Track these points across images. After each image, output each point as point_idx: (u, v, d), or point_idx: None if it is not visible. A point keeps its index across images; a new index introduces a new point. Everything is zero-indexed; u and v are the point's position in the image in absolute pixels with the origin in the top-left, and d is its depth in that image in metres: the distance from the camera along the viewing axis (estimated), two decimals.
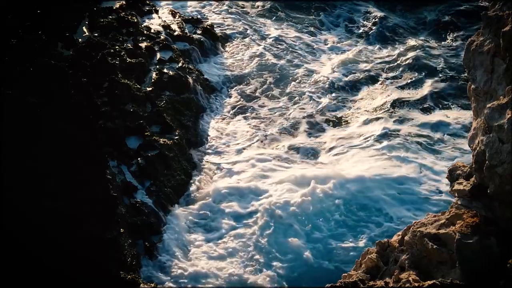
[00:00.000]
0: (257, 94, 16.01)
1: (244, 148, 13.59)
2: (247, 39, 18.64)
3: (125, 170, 11.46)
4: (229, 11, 20.04)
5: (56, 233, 8.91)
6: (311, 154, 13.54)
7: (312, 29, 19.45)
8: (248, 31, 19.00)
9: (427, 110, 15.15)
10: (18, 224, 8.76)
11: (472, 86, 4.73)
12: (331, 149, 13.69)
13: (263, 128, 14.46)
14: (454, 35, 18.42)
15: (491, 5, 4.76)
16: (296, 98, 15.81)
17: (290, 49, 18.22)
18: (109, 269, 9.12)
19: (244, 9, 20.37)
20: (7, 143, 9.93)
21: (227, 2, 20.41)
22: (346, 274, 5.43)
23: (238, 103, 15.51)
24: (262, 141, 13.88)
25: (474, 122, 4.74)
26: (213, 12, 19.69)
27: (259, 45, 18.30)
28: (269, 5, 20.56)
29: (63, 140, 10.63)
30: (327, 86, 16.38)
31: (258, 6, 20.62)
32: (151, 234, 10.53)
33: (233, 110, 15.18)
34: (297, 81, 16.60)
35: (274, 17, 20.10)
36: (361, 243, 10.45)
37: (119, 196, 10.62)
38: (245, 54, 17.90)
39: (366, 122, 14.67)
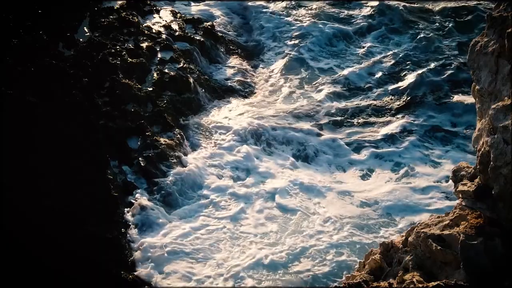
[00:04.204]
0: (259, 96, 15.96)
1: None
2: (251, 38, 18.65)
3: (126, 170, 11.43)
4: (233, 10, 20.03)
5: (56, 233, 8.90)
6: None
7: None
8: (256, 30, 18.99)
9: None
10: (18, 224, 8.73)
11: (477, 87, 4.72)
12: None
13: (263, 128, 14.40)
14: None
15: (496, 6, 4.75)
16: (312, 103, 15.66)
17: (306, 49, 18.02)
18: (109, 269, 9.09)
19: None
20: (8, 143, 9.92)
21: (229, 2, 20.36)
22: (349, 275, 5.41)
23: (239, 104, 15.47)
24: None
25: (478, 123, 4.72)
26: (216, 11, 19.62)
27: (267, 45, 18.24)
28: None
29: (63, 140, 10.63)
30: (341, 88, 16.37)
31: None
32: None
33: (233, 110, 15.13)
34: (316, 85, 16.48)
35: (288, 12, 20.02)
36: None
37: (119, 196, 10.60)
38: (248, 54, 17.93)
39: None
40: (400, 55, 17.45)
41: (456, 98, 15.46)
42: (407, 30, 18.74)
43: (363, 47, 18.16)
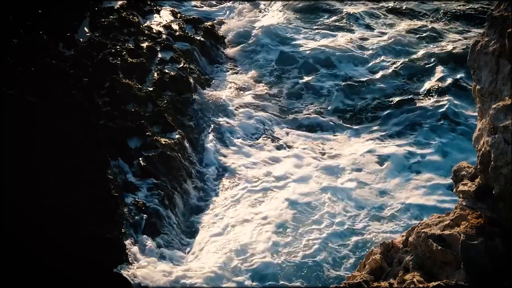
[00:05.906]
0: (260, 93, 15.93)
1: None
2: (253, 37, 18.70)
3: (126, 170, 11.44)
4: (234, 9, 20.05)
5: (56, 233, 8.89)
6: None
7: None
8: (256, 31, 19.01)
9: None
10: (18, 224, 8.73)
11: (477, 87, 4.71)
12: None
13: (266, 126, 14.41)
14: None
15: (496, 6, 4.75)
16: (316, 98, 15.65)
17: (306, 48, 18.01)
18: (109, 269, 9.09)
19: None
20: (8, 143, 9.92)
21: (229, 3, 20.37)
22: (350, 275, 5.42)
23: (241, 103, 15.43)
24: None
25: (479, 123, 4.72)
26: (216, 11, 19.63)
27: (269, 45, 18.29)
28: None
29: (63, 140, 10.63)
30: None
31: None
32: (152, 234, 10.49)
33: (236, 110, 15.10)
34: (318, 79, 16.47)
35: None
36: None
37: (120, 196, 10.60)
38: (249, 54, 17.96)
39: None
40: (398, 50, 17.59)
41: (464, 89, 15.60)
42: (400, 25, 18.94)
43: (361, 43, 18.25)
